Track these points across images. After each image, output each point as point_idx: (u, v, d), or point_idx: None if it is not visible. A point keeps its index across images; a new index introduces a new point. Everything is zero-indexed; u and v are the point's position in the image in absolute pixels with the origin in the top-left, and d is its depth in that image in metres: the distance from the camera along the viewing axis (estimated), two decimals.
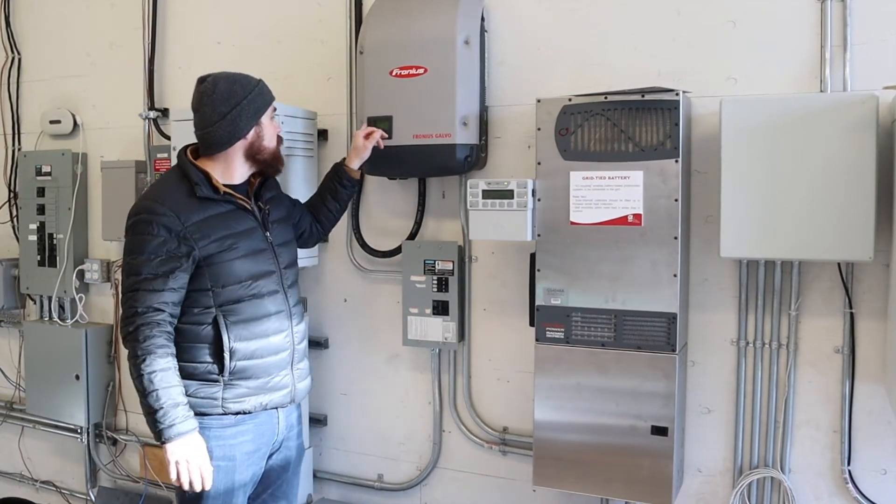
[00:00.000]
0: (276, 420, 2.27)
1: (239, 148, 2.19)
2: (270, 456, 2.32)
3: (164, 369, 2.03)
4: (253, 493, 2.34)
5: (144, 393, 2.03)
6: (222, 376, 2.14)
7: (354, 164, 2.59)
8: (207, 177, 2.16)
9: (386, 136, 2.60)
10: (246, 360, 2.15)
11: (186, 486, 2.07)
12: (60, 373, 3.54)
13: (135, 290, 2.05)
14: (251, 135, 2.19)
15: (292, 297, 2.31)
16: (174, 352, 2.08)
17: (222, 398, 2.14)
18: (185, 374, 2.13)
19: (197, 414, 2.12)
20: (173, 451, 2.04)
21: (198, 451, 2.07)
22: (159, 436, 2.04)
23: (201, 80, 2.19)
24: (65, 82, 3.68)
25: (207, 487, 2.09)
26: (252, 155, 2.21)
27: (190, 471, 2.05)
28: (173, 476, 2.07)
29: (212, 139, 2.16)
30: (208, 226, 2.12)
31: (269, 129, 2.23)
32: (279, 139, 2.29)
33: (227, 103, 2.13)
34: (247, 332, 2.15)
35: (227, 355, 2.12)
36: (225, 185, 2.19)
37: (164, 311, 2.05)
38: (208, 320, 2.12)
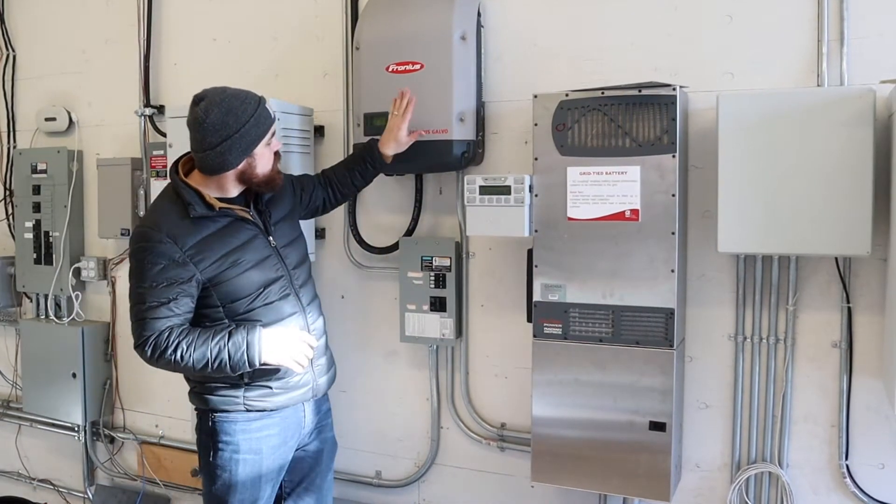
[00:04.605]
0: (301, 413, 2.31)
1: (230, 175, 2.14)
2: (301, 449, 2.36)
3: (192, 340, 2.05)
4: (287, 486, 2.39)
5: (209, 370, 2.07)
6: (243, 379, 2.17)
7: (390, 151, 2.52)
8: (200, 195, 2.11)
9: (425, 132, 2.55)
10: (265, 364, 2.14)
11: (306, 365, 2.19)
12: (57, 371, 3.54)
13: (141, 319, 2.07)
14: (242, 165, 2.12)
15: (305, 296, 2.30)
16: (189, 327, 2.10)
17: (244, 397, 2.18)
18: (208, 376, 2.16)
19: (220, 411, 2.18)
20: (271, 359, 2.10)
21: (280, 344, 2.12)
22: (252, 367, 2.09)
23: (196, 101, 2.08)
24: (60, 79, 3.66)
25: (309, 355, 2.18)
26: (244, 180, 2.16)
27: (297, 358, 2.14)
28: (299, 371, 2.17)
29: (202, 164, 2.11)
30: (207, 246, 2.09)
31: (263, 158, 2.14)
32: (276, 156, 2.20)
33: (219, 135, 2.04)
34: None
35: None
36: (221, 199, 2.15)
37: (171, 331, 2.06)
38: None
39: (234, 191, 2.19)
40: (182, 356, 2.04)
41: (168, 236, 2.05)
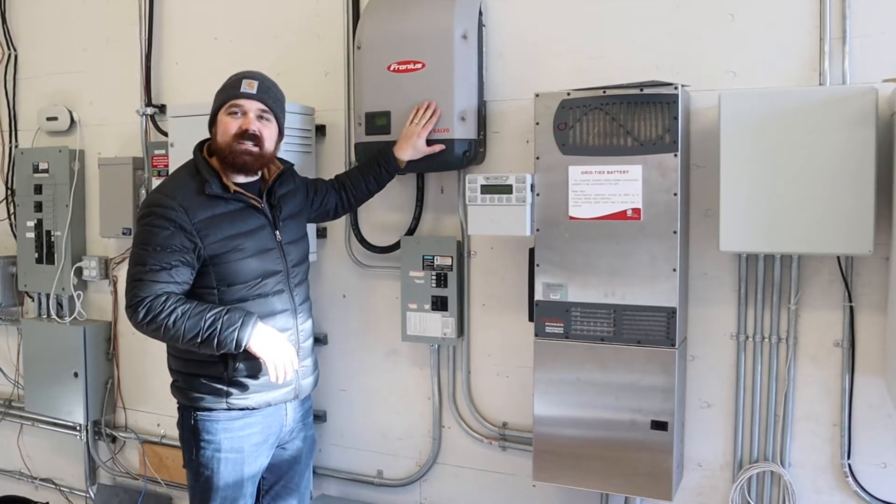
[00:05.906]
0: (283, 412, 2.31)
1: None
2: (281, 447, 2.36)
3: (188, 309, 2.06)
4: (266, 484, 2.39)
5: (197, 340, 2.06)
6: (226, 373, 2.17)
7: (406, 157, 2.56)
8: (219, 175, 2.17)
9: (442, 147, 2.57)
10: (250, 359, 2.15)
11: (283, 380, 2.15)
12: (59, 370, 3.54)
13: (139, 280, 2.08)
14: (214, 131, 2.23)
15: (298, 296, 2.32)
16: (184, 297, 2.11)
17: (227, 394, 2.19)
18: (191, 369, 2.20)
19: (203, 409, 2.18)
20: (257, 350, 2.11)
21: (271, 342, 2.13)
22: (238, 347, 2.08)
23: None
24: (61, 79, 3.66)
25: (289, 373, 2.16)
26: (215, 151, 2.20)
27: (277, 367, 2.12)
28: (273, 379, 2.14)
29: None
30: (215, 224, 2.13)
31: (221, 126, 2.19)
32: (241, 133, 2.16)
33: None
34: None
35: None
36: (236, 184, 2.20)
37: (168, 297, 2.08)
38: None
39: (233, 173, 2.21)
40: (175, 322, 2.04)
41: (181, 205, 2.10)
